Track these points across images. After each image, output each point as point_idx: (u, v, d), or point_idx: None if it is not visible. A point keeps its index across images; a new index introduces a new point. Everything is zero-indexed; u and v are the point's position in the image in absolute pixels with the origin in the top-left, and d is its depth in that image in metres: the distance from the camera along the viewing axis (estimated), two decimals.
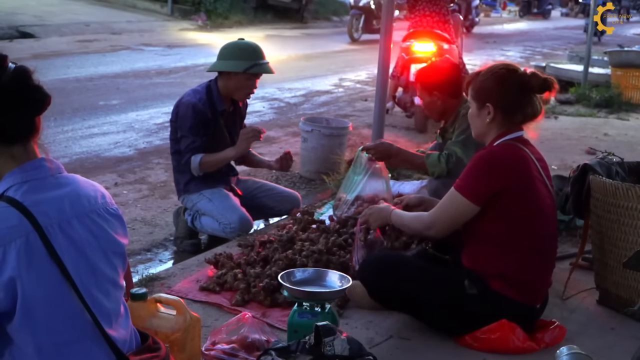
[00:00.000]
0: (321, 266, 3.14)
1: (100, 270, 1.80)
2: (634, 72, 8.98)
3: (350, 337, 2.23)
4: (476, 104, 2.84)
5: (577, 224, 3.98)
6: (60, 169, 1.82)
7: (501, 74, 2.80)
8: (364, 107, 8.43)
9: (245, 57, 3.92)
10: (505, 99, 2.77)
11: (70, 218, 1.75)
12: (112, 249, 1.84)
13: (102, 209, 1.84)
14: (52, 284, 1.69)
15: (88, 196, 1.82)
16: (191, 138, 3.95)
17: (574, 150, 6.38)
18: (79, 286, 1.72)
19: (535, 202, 2.75)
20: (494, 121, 2.80)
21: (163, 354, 1.91)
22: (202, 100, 3.95)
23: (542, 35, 20.01)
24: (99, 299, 1.78)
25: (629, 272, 3.05)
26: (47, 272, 1.68)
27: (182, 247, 4.16)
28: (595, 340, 2.87)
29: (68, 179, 1.82)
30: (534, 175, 2.76)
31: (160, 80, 9.23)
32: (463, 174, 2.78)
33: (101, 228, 1.82)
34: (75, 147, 6.05)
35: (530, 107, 2.79)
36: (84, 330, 1.74)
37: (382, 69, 5.12)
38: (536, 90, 2.79)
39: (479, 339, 2.75)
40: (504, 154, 2.76)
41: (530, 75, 2.78)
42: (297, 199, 4.35)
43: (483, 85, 2.81)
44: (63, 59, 10.22)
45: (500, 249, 2.75)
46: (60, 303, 1.70)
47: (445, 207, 2.80)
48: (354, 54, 13.09)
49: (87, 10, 14.91)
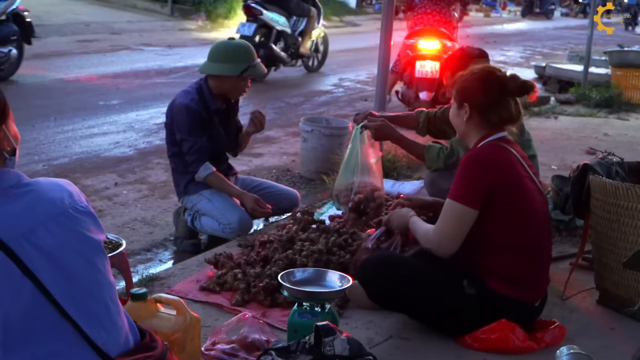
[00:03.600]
0: (321, 266, 3.14)
1: (77, 273, 1.73)
2: (634, 72, 8.98)
3: (350, 337, 2.23)
4: (456, 104, 2.88)
5: (577, 224, 3.98)
6: (19, 176, 1.72)
7: (480, 74, 2.83)
8: (364, 107, 8.41)
9: (239, 59, 3.92)
10: (482, 99, 2.79)
11: (35, 227, 1.67)
12: (86, 248, 1.77)
13: (71, 209, 1.76)
14: (27, 298, 1.63)
15: (53, 199, 1.74)
16: (192, 140, 3.94)
17: (574, 150, 6.38)
18: (55, 296, 1.66)
19: (525, 199, 2.76)
20: (471, 121, 2.82)
21: (158, 353, 1.87)
22: (194, 101, 3.95)
23: (542, 35, 20.00)
24: (81, 303, 1.72)
25: (629, 272, 3.05)
26: (20, 287, 1.62)
27: (182, 247, 4.15)
28: (595, 340, 2.87)
29: (28, 187, 1.73)
30: (520, 172, 2.78)
31: (160, 80, 9.23)
32: (453, 182, 2.78)
33: (71, 229, 1.74)
34: (75, 147, 6.05)
35: (505, 111, 2.80)
36: (66, 339, 1.68)
37: (382, 68, 5.13)
38: (514, 92, 2.80)
39: (478, 339, 2.75)
40: (487, 153, 2.78)
41: (509, 78, 2.80)
42: (296, 197, 4.35)
43: (463, 85, 2.85)
44: (63, 59, 10.22)
45: (495, 247, 2.75)
46: (38, 315, 1.65)
47: (447, 220, 2.75)
48: (355, 54, 13.08)
49: (87, 10, 14.90)
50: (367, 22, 19.06)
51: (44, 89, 8.06)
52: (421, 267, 2.81)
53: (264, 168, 5.77)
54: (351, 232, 3.57)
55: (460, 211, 2.72)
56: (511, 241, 2.75)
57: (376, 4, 22.38)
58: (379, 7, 20.42)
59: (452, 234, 2.74)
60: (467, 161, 2.78)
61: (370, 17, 20.24)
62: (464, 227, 2.73)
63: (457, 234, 2.74)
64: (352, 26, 18.50)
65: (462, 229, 2.73)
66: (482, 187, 2.70)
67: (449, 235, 2.75)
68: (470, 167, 2.76)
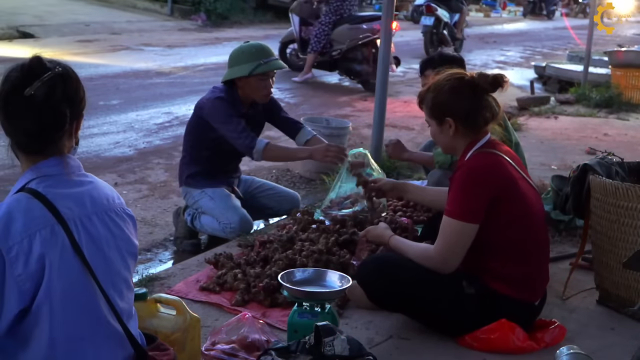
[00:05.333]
0: (321, 266, 3.14)
1: (116, 269, 1.82)
2: (634, 72, 8.98)
3: (350, 337, 2.23)
4: (435, 122, 2.82)
5: (577, 224, 3.98)
6: (79, 167, 1.85)
7: (450, 85, 2.77)
8: (364, 107, 8.43)
9: (249, 59, 3.90)
10: (461, 108, 2.75)
11: (91, 214, 1.78)
12: (127, 248, 1.87)
13: (120, 209, 1.88)
14: (74, 276, 1.71)
15: (106, 195, 1.86)
16: (234, 122, 3.87)
17: (574, 150, 6.37)
18: (101, 283, 1.75)
19: (521, 202, 2.75)
20: (457, 133, 2.78)
21: (172, 356, 1.94)
22: (224, 98, 3.94)
23: (542, 35, 19.99)
24: (114, 298, 1.80)
25: (629, 272, 3.05)
26: (70, 264, 1.70)
27: (182, 247, 4.16)
28: (595, 340, 2.87)
29: (87, 178, 1.86)
30: (513, 176, 2.76)
31: (160, 80, 9.23)
32: (450, 198, 2.74)
33: (118, 227, 1.85)
34: None
35: (487, 110, 2.77)
36: (99, 326, 1.76)
37: (382, 68, 5.13)
38: (488, 89, 2.77)
39: (478, 339, 2.75)
40: (479, 167, 2.73)
41: (478, 77, 2.76)
42: (297, 199, 4.35)
43: (436, 101, 2.79)
44: (63, 59, 10.19)
45: (494, 248, 2.75)
46: (79, 296, 1.72)
47: (449, 239, 2.72)
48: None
49: (87, 10, 14.91)
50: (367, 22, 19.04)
51: None
52: (420, 268, 2.80)
53: (264, 168, 5.77)
54: (352, 232, 3.57)
55: (460, 229, 2.69)
56: (509, 242, 2.74)
57: (376, 4, 22.38)
58: (379, 7, 20.42)
59: (457, 251, 2.72)
60: (461, 178, 2.73)
61: None
62: (467, 241, 2.71)
63: (462, 250, 2.72)
64: None
65: (465, 243, 2.71)
66: (481, 202, 2.68)
67: (455, 252, 2.72)
68: (466, 184, 2.71)
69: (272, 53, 4.02)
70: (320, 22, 9.76)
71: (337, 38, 9.64)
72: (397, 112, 8.09)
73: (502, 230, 2.72)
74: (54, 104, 1.75)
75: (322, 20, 9.75)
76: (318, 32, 9.68)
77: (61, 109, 1.77)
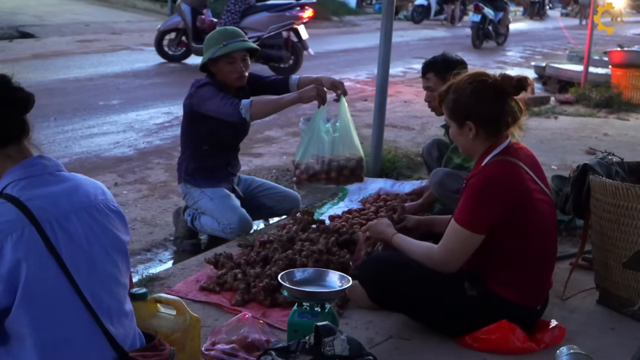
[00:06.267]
0: (321, 266, 3.14)
1: (101, 266, 1.81)
2: (634, 72, 8.98)
3: (350, 337, 2.23)
4: (455, 124, 2.75)
5: (577, 224, 3.98)
6: (58, 166, 1.85)
7: (473, 88, 2.68)
8: (364, 107, 8.42)
9: (213, 44, 3.89)
10: (483, 112, 2.68)
11: (68, 213, 1.77)
12: (112, 244, 1.85)
13: (102, 205, 1.87)
14: (50, 277, 1.71)
15: (87, 192, 1.85)
16: (219, 95, 3.82)
17: (574, 150, 6.37)
18: (77, 281, 1.74)
19: (534, 213, 2.71)
20: (477, 137, 2.72)
21: (166, 355, 1.91)
22: (208, 82, 3.92)
23: (542, 35, 19.99)
24: (99, 295, 1.79)
25: (629, 272, 3.05)
26: (45, 265, 1.70)
27: (182, 247, 4.15)
28: (595, 340, 2.87)
29: (67, 176, 1.85)
30: (529, 187, 2.70)
31: (160, 80, 9.23)
32: (461, 204, 2.69)
33: (100, 224, 1.83)
34: (75, 147, 6.05)
35: (510, 115, 2.70)
36: (83, 326, 1.75)
37: (382, 68, 5.13)
38: (512, 92, 2.68)
39: (479, 340, 2.75)
40: (496, 177, 2.66)
41: (501, 80, 2.68)
42: (297, 199, 4.35)
43: (457, 104, 2.71)
44: (63, 59, 10.22)
45: (500, 255, 2.73)
46: (59, 297, 1.72)
47: (452, 244, 2.70)
48: (355, 54, 13.08)
49: (87, 10, 14.92)
50: (367, 22, 19.07)
51: (44, 89, 8.05)
52: (422, 268, 2.79)
53: (264, 168, 5.76)
54: (352, 232, 3.57)
55: (466, 237, 2.67)
56: (516, 251, 2.72)
57: (376, 4, 22.40)
58: (379, 7, 20.43)
59: (458, 255, 2.71)
60: (476, 186, 2.67)
61: (370, 17, 20.26)
62: (471, 249, 2.70)
63: (464, 256, 2.71)
64: (352, 26, 18.51)
65: (469, 250, 2.70)
66: (491, 215, 2.65)
67: (456, 255, 2.71)
68: (480, 194, 2.65)
69: (238, 35, 3.96)
70: (229, 10, 10.02)
71: (252, 26, 9.81)
72: (397, 112, 8.08)
73: (510, 239, 2.70)
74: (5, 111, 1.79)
75: (231, 8, 10.02)
76: (228, 21, 9.83)
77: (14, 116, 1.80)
